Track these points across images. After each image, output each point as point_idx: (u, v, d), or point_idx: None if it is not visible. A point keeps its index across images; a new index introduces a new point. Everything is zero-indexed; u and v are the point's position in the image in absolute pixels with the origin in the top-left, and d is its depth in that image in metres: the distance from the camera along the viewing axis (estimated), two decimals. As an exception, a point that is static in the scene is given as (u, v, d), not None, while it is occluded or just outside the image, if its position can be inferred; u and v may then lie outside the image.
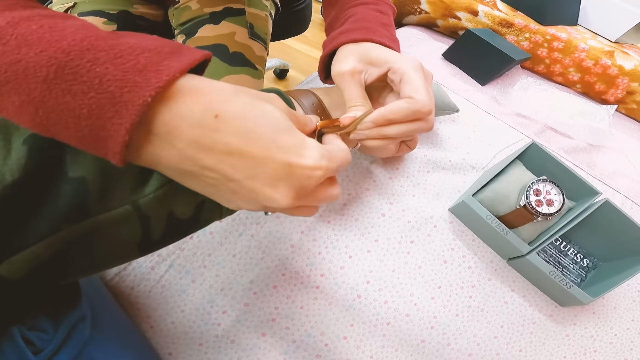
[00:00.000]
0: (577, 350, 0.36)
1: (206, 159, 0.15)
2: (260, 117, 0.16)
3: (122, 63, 0.13)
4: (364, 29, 0.32)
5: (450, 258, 0.37)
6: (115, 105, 0.12)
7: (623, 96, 0.59)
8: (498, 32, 0.62)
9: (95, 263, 0.18)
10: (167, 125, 0.14)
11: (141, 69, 0.13)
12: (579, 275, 0.39)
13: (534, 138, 0.49)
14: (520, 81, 0.56)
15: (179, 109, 0.14)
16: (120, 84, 0.12)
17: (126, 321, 0.28)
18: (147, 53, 0.13)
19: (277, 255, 0.34)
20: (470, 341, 0.34)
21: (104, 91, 0.12)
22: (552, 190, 0.36)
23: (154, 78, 0.13)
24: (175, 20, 0.49)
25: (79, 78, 0.12)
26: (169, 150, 0.14)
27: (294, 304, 0.33)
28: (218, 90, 0.15)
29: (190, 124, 0.14)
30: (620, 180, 0.48)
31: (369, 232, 0.36)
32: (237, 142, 0.15)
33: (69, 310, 0.22)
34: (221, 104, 0.15)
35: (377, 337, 0.33)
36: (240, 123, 0.15)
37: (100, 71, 0.12)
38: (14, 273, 0.15)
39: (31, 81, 0.12)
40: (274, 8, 0.55)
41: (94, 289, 0.28)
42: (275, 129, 0.16)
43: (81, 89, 0.12)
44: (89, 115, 0.13)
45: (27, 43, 0.12)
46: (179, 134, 0.14)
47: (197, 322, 0.31)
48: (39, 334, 0.20)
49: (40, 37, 0.12)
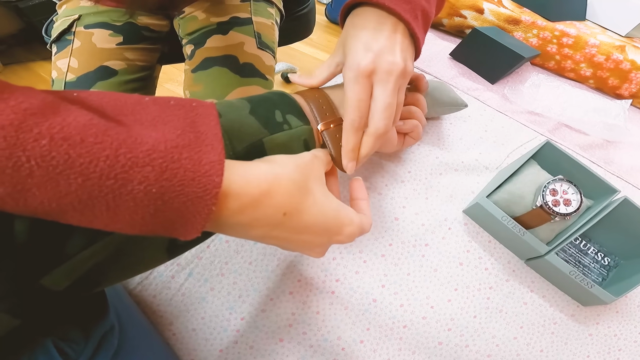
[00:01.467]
0: (601, 350, 0.35)
1: (272, 237, 0.19)
2: (316, 216, 0.20)
3: (169, 178, 0.13)
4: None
5: (466, 260, 0.37)
6: (185, 223, 0.15)
7: (637, 90, 0.58)
8: (505, 30, 0.62)
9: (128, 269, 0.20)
10: (242, 224, 0.17)
11: (192, 178, 0.14)
12: (600, 274, 0.38)
13: (548, 135, 0.48)
14: (531, 78, 0.56)
15: (253, 213, 0.17)
16: (181, 200, 0.14)
17: (150, 329, 0.29)
18: (184, 152, 0.14)
19: (292, 262, 0.34)
20: (489, 342, 0.34)
21: (171, 209, 0.14)
22: (569, 190, 0.35)
23: (209, 184, 0.14)
24: (182, 30, 0.50)
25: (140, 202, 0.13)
26: (245, 233, 0.18)
27: (310, 309, 0.33)
28: (283, 191, 0.18)
29: (263, 224, 0.17)
30: (639, 176, 0.47)
31: (383, 237, 0.37)
32: (296, 233, 0.20)
33: (98, 321, 0.23)
34: (287, 205, 0.18)
35: (393, 340, 0.33)
36: (303, 219, 0.19)
37: (157, 191, 0.13)
38: (57, 284, 0.16)
39: None
40: (278, 15, 0.55)
41: (118, 298, 0.29)
42: (325, 218, 0.20)
43: (148, 211, 0.14)
44: (164, 229, 0.15)
45: None
46: (253, 228, 0.18)
47: (217, 328, 0.32)
48: (71, 345, 0.21)
49: None
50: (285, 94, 0.28)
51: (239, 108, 0.24)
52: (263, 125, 0.24)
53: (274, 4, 0.54)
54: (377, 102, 0.25)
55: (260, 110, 0.25)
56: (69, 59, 0.45)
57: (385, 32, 0.25)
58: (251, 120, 0.23)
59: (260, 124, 0.24)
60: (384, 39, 0.25)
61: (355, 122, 0.25)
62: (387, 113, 0.25)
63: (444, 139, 0.44)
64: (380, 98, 0.24)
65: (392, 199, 0.39)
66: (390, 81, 0.24)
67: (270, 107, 0.25)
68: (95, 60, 0.45)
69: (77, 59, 0.45)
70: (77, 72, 0.44)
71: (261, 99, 0.26)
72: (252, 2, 0.50)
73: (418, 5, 0.26)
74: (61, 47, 0.46)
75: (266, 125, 0.24)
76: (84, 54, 0.45)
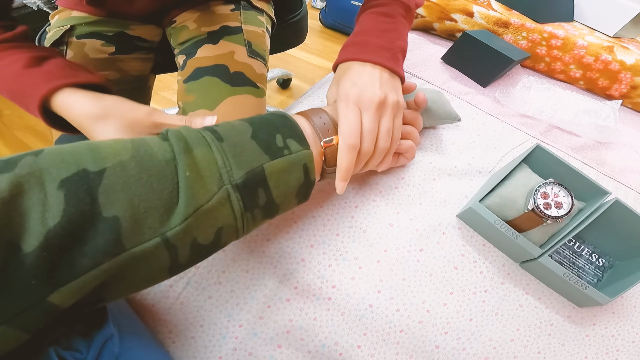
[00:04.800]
0: (599, 350, 0.35)
1: None
2: None
3: None
4: (357, 44, 0.34)
5: (461, 264, 0.37)
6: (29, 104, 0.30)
7: (627, 91, 0.59)
8: (495, 33, 0.62)
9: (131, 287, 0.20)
10: None
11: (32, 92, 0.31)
12: (595, 275, 0.39)
13: (539, 138, 0.49)
14: (522, 81, 0.56)
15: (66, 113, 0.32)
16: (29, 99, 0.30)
17: (150, 337, 0.30)
18: None
19: (289, 269, 0.35)
20: (486, 345, 0.34)
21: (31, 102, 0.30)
22: (560, 193, 0.36)
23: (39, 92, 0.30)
24: (173, 40, 0.50)
25: None
26: None
27: (307, 315, 0.33)
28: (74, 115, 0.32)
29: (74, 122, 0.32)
30: (631, 177, 0.47)
31: (378, 243, 0.37)
32: None
33: (98, 329, 0.23)
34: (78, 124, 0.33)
35: (390, 344, 0.33)
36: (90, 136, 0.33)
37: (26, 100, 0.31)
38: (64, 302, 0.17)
39: None
40: (270, 23, 0.55)
41: (118, 308, 0.30)
42: None
43: None
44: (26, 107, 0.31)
45: None
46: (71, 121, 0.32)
47: (216, 336, 0.32)
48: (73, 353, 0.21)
49: None
50: (287, 116, 0.28)
51: (240, 132, 0.24)
52: (264, 150, 0.24)
53: (265, 12, 0.54)
54: (364, 126, 0.29)
55: (262, 135, 0.25)
56: None
57: (367, 70, 0.32)
58: (252, 145, 0.24)
59: (261, 149, 0.24)
60: (367, 75, 0.31)
61: (350, 145, 0.28)
62: (371, 136, 0.29)
63: (437, 144, 0.45)
64: (365, 123, 0.29)
65: (386, 206, 0.39)
66: (372, 109, 0.29)
67: (272, 131, 0.26)
68: None
69: None
70: None
71: (263, 122, 0.26)
72: (242, 10, 0.50)
73: (397, 48, 0.34)
74: None
75: (267, 151, 0.24)
76: None
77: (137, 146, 0.20)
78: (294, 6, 0.67)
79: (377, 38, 0.34)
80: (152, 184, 0.19)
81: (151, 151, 0.20)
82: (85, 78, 0.31)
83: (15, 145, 0.98)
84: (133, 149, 0.19)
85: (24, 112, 1.07)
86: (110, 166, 0.18)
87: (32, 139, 0.99)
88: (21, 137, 0.99)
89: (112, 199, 0.18)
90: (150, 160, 0.20)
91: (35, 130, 1.01)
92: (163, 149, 0.21)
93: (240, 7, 0.51)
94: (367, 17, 0.36)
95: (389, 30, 0.35)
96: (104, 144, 0.20)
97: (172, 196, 0.19)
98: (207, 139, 0.22)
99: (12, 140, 0.98)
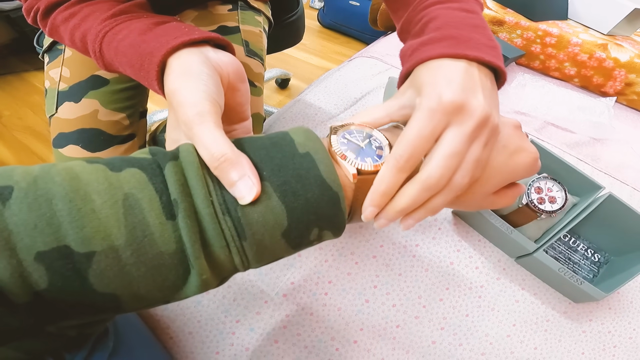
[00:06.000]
0: (596, 346, 0.35)
1: None
2: None
3: None
4: (451, 38, 0.23)
5: (457, 259, 0.37)
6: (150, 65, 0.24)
7: (622, 88, 0.59)
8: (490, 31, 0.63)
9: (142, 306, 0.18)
10: None
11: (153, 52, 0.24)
12: (590, 270, 0.39)
13: (535, 135, 0.49)
14: (517, 78, 0.57)
15: None
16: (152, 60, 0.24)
17: (147, 333, 0.30)
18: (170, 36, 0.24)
19: (285, 265, 0.35)
20: (483, 340, 0.34)
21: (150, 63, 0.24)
22: (553, 187, 0.36)
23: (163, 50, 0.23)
24: None
25: None
26: None
27: (303, 311, 0.34)
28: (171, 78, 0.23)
29: None
30: (626, 172, 0.48)
31: (374, 238, 0.37)
32: None
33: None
34: None
35: (387, 340, 0.33)
36: None
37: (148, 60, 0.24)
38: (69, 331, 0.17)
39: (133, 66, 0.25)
40: (267, 23, 0.56)
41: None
42: None
43: None
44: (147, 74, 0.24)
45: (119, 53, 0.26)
46: None
47: (213, 331, 0.32)
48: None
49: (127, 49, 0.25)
50: (339, 199, 0.19)
51: (270, 227, 0.18)
52: (292, 247, 0.19)
53: (262, 12, 0.55)
54: (443, 144, 0.19)
55: (295, 232, 0.19)
56: (61, 69, 0.46)
57: (473, 72, 0.21)
58: (280, 244, 0.19)
59: (290, 247, 0.19)
60: (471, 77, 0.21)
61: (402, 158, 0.19)
62: (452, 162, 0.19)
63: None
64: (449, 140, 0.19)
65: (382, 201, 0.39)
66: (469, 124, 0.19)
67: (310, 225, 0.19)
68: (86, 70, 0.45)
69: (69, 68, 0.45)
70: (69, 82, 0.45)
71: (305, 209, 0.19)
72: (239, 10, 0.51)
73: (499, 48, 0.24)
74: (53, 57, 0.47)
75: (296, 247, 0.19)
76: (75, 63, 0.46)
77: (131, 226, 0.16)
78: (291, 6, 0.68)
79: (474, 34, 0.24)
80: (154, 275, 0.16)
81: (152, 237, 0.16)
82: (201, 34, 0.23)
83: (15, 146, 0.98)
84: (127, 232, 0.15)
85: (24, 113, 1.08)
86: (99, 251, 0.15)
87: (32, 140, 0.99)
88: (21, 138, 0.99)
89: (107, 282, 0.15)
90: (151, 249, 0.16)
91: (35, 131, 1.01)
92: (167, 236, 0.16)
93: (237, 7, 0.51)
94: (442, 12, 0.26)
95: (481, 27, 0.25)
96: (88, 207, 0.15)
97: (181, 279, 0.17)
98: (226, 236, 0.17)
99: (11, 141, 0.99)
